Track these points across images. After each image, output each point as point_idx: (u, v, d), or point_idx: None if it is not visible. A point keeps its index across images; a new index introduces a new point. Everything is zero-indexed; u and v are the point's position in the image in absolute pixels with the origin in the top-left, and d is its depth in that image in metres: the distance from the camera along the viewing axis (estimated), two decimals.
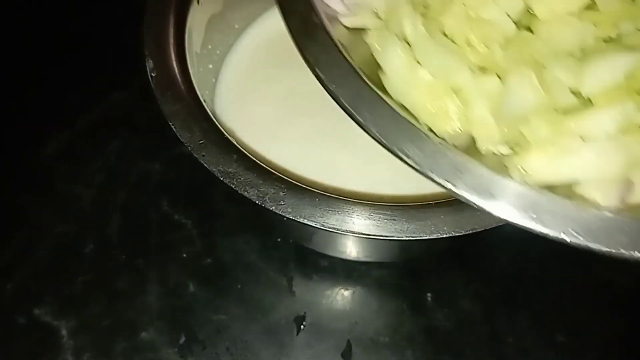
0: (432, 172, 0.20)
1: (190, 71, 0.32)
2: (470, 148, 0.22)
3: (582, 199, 0.21)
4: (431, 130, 0.22)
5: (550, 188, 0.21)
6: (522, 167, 0.21)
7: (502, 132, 0.22)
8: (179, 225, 0.43)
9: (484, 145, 0.22)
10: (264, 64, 0.42)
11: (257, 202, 0.28)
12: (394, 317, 0.40)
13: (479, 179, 0.20)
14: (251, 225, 0.43)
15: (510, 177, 0.21)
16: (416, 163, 0.20)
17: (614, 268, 0.42)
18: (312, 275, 0.42)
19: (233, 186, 0.28)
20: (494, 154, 0.22)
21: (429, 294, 0.41)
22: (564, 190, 0.21)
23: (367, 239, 0.28)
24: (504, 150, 0.22)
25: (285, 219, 0.28)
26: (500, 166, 0.21)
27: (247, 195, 0.28)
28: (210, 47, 0.39)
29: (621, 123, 0.20)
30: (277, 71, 0.42)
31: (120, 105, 0.49)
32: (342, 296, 0.41)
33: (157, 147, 0.46)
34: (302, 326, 0.40)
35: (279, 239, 0.43)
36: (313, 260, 0.42)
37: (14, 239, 0.43)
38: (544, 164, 0.21)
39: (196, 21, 0.35)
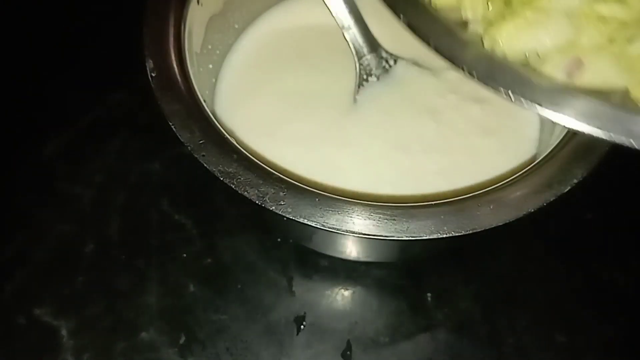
0: (419, 33, 0.25)
1: (190, 71, 0.32)
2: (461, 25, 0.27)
3: (537, 72, 0.24)
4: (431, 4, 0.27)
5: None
6: (494, 36, 0.25)
7: (485, 4, 0.26)
8: (179, 225, 0.43)
9: (468, 14, 0.26)
10: (264, 64, 0.42)
11: (257, 202, 0.28)
12: (394, 317, 0.40)
13: (457, 42, 0.24)
14: (251, 225, 0.43)
15: (484, 46, 0.25)
16: (412, 27, 0.25)
17: (614, 268, 0.42)
18: (312, 275, 0.42)
19: (233, 186, 0.28)
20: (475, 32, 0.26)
21: (429, 294, 0.41)
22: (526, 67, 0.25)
23: (367, 239, 0.28)
24: (481, 29, 0.26)
25: (285, 219, 0.28)
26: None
27: (247, 195, 0.28)
28: (210, 47, 0.39)
29: (582, 6, 0.24)
30: (277, 71, 0.42)
31: (120, 105, 0.49)
32: (342, 296, 0.41)
33: (157, 147, 0.46)
34: (302, 326, 0.40)
35: (279, 239, 0.43)
36: (313, 260, 0.42)
37: (14, 239, 0.43)
38: (512, 33, 0.25)
39: (196, 21, 0.35)
